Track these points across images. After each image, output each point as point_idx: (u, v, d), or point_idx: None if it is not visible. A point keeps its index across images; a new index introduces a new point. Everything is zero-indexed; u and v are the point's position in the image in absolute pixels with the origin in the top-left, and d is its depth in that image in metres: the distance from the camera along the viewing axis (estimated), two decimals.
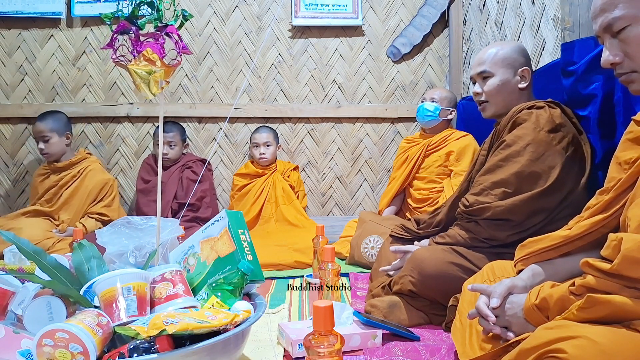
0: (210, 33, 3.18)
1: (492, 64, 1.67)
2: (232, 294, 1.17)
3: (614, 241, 0.84)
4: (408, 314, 1.56)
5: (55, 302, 1.08)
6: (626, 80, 0.99)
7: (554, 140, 1.50)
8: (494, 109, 1.70)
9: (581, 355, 0.74)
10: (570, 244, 1.06)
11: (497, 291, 1.05)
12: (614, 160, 1.08)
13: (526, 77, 1.67)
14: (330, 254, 1.58)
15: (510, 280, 1.08)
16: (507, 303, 1.04)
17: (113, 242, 1.39)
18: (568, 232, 1.06)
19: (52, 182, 2.77)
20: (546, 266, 1.09)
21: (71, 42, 3.12)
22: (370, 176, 3.30)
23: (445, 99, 2.71)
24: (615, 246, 0.84)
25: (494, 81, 1.67)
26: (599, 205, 1.03)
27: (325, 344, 0.93)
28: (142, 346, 0.95)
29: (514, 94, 1.67)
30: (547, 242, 1.09)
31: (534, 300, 0.97)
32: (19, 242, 1.10)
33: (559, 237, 1.07)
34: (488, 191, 1.53)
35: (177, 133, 3.00)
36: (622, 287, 0.82)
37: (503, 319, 1.04)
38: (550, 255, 1.09)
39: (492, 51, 1.69)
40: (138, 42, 1.24)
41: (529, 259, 1.13)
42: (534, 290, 1.00)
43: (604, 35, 1.00)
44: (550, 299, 0.93)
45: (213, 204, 3.04)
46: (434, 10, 3.17)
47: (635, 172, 0.97)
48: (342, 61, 3.24)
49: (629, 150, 1.03)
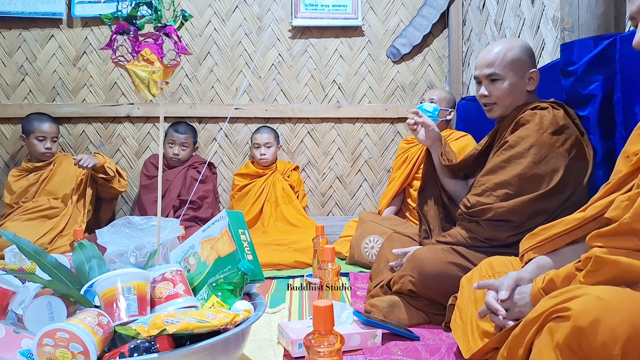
0: (210, 33, 3.19)
1: (502, 67, 1.60)
2: (232, 294, 1.17)
3: (625, 201, 0.84)
4: (408, 314, 1.56)
5: (56, 301, 1.08)
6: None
7: (557, 143, 1.50)
8: (501, 111, 1.66)
9: (586, 311, 0.74)
10: (584, 227, 1.04)
11: (505, 283, 1.05)
12: (622, 155, 1.07)
13: (534, 79, 1.63)
14: (330, 253, 1.58)
15: (516, 273, 1.07)
16: (516, 294, 1.04)
17: (113, 242, 1.39)
18: (583, 214, 1.05)
19: (30, 181, 2.80)
20: (553, 257, 1.09)
21: (72, 42, 3.13)
22: (370, 176, 3.30)
23: (444, 99, 2.71)
24: (627, 206, 0.83)
25: (504, 85, 1.61)
26: (610, 186, 1.02)
27: (325, 343, 0.94)
28: (143, 346, 0.95)
29: (522, 96, 1.64)
30: (561, 226, 1.08)
31: (541, 284, 0.98)
32: (20, 242, 1.10)
33: (574, 219, 1.06)
34: (490, 192, 1.52)
35: (191, 135, 3.04)
36: (630, 251, 0.82)
37: (514, 311, 1.03)
38: (564, 240, 1.08)
39: (501, 52, 1.61)
40: (137, 43, 1.24)
41: (542, 246, 1.11)
42: (539, 277, 1.00)
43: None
44: (557, 278, 0.94)
45: (214, 205, 3.05)
46: (434, 10, 3.17)
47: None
48: (342, 61, 3.24)
49: (635, 144, 1.04)
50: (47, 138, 2.82)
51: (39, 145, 2.80)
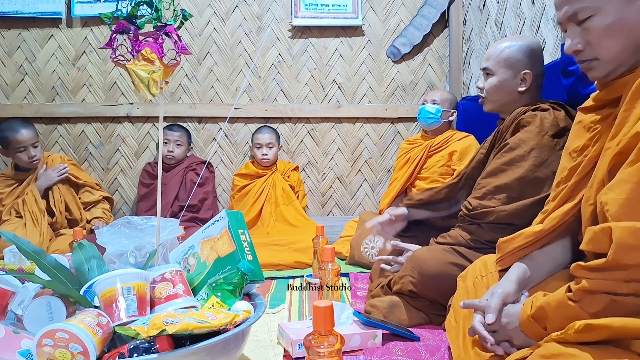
0: (210, 33, 3.18)
1: (496, 62, 1.64)
2: (232, 294, 1.17)
3: (599, 233, 0.84)
4: (408, 314, 1.56)
5: (55, 302, 1.08)
6: (587, 67, 1.02)
7: (558, 145, 1.49)
8: (490, 106, 1.70)
9: None
10: (544, 238, 1.08)
11: (491, 305, 1.01)
12: (564, 152, 1.12)
13: (526, 81, 1.62)
14: (330, 254, 1.58)
15: (501, 289, 1.04)
16: (504, 317, 1.00)
17: (113, 242, 1.39)
18: (541, 227, 1.08)
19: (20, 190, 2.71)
20: (526, 261, 1.10)
21: (71, 42, 3.12)
22: (370, 176, 3.30)
23: (446, 100, 2.71)
24: (600, 239, 0.83)
25: (492, 80, 1.66)
26: (563, 194, 1.06)
27: (325, 344, 0.93)
28: (142, 346, 0.95)
29: (512, 95, 1.64)
30: (520, 240, 1.10)
31: (529, 311, 0.94)
32: (19, 242, 1.10)
33: (533, 233, 1.09)
34: (491, 195, 1.52)
35: (184, 134, 3.04)
36: (619, 282, 0.81)
37: (503, 333, 1.00)
38: (525, 252, 1.11)
39: (500, 47, 1.64)
40: (137, 42, 1.24)
41: (504, 260, 1.14)
42: (527, 302, 0.97)
43: (567, 23, 1.03)
44: (547, 307, 0.91)
45: (214, 206, 3.05)
46: (434, 10, 3.17)
47: (594, 156, 1.00)
48: (342, 61, 3.24)
49: (576, 139, 1.08)
50: (27, 146, 2.63)
51: (21, 156, 2.64)
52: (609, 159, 0.92)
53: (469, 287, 1.22)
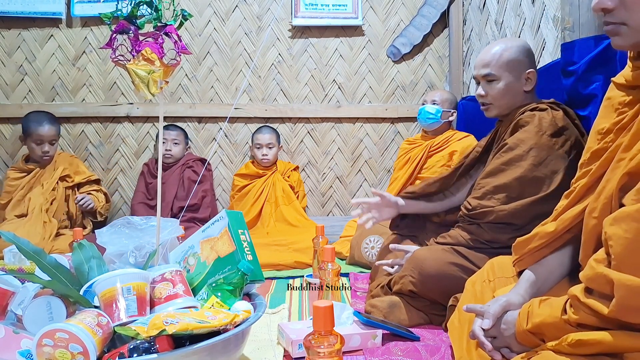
0: (210, 33, 3.18)
1: (498, 67, 1.62)
2: (232, 294, 1.17)
3: (601, 277, 0.80)
4: (408, 314, 1.56)
5: (55, 302, 1.07)
6: (612, 31, 0.92)
7: (557, 145, 1.50)
8: (497, 111, 1.69)
9: None
10: (559, 239, 1.06)
11: (491, 312, 1.01)
12: (592, 129, 1.05)
13: (531, 80, 1.64)
14: (330, 254, 1.58)
15: (505, 299, 1.03)
16: (502, 323, 1.00)
17: (113, 242, 1.39)
18: (554, 228, 1.05)
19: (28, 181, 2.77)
20: (539, 269, 1.08)
21: (71, 42, 3.12)
22: (370, 176, 3.30)
23: (446, 100, 2.71)
24: (601, 283, 0.79)
25: (499, 85, 1.64)
26: (577, 192, 1.02)
27: (325, 344, 0.93)
28: (142, 346, 0.95)
29: (518, 96, 1.65)
30: (537, 241, 1.09)
31: (525, 325, 0.94)
32: (19, 242, 1.10)
33: (547, 234, 1.07)
34: (491, 195, 1.52)
35: (181, 133, 3.05)
36: (617, 327, 0.79)
37: (502, 339, 1.00)
38: (542, 253, 1.08)
39: (497, 52, 1.63)
40: (137, 42, 1.23)
41: (523, 261, 1.12)
42: (522, 312, 0.96)
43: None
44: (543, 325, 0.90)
45: (212, 204, 3.05)
46: (434, 10, 3.17)
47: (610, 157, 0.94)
48: (342, 61, 3.24)
49: (603, 118, 1.01)
50: (44, 142, 2.74)
51: (36, 149, 2.74)
52: (620, 175, 0.87)
53: (477, 291, 1.23)
